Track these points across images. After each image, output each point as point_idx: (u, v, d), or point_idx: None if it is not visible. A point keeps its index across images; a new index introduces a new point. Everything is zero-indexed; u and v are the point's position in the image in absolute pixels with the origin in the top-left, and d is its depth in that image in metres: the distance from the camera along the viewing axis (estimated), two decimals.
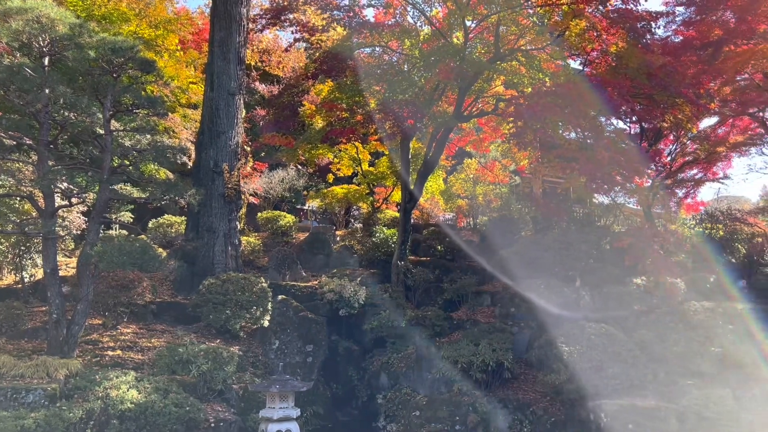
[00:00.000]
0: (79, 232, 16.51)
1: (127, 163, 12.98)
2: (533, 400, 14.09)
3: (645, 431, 11.65)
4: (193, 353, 12.18)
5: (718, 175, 21.38)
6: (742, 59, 17.37)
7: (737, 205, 30.87)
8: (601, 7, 15.98)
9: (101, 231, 13.52)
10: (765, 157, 33.98)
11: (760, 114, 19.33)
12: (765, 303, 17.20)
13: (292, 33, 19.20)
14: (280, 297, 16.08)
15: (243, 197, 20.26)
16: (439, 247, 21.52)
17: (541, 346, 15.14)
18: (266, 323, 15.14)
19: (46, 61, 11.89)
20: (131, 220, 18.85)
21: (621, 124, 20.81)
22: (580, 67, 19.15)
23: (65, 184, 12.46)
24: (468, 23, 17.97)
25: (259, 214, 23.61)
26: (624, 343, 14.27)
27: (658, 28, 19.18)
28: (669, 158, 20.21)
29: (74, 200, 13.10)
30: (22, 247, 15.30)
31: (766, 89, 18.12)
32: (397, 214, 21.95)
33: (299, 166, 26.37)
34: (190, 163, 20.35)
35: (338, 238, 23.07)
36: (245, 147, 21.73)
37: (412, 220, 20.60)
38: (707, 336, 13.99)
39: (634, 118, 19.62)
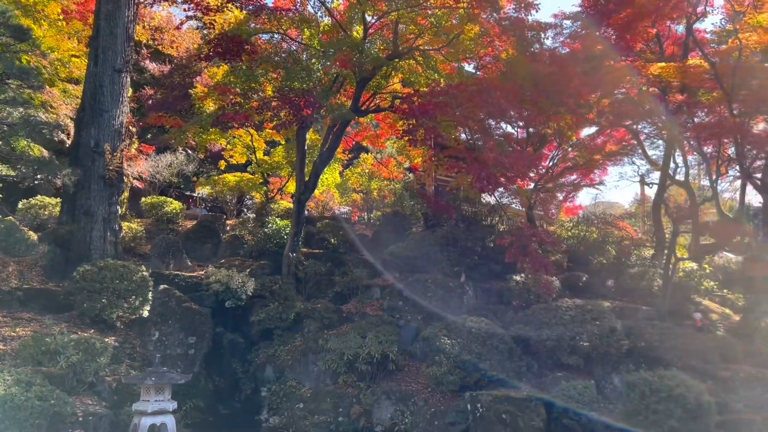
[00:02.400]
0: None
1: None
2: (416, 391, 14.44)
3: (517, 420, 12.28)
4: (63, 343, 11.44)
5: (595, 181, 22.77)
6: (620, 74, 18.66)
7: (611, 211, 33.38)
8: (494, 14, 16.60)
9: None
10: (635, 166, 36.85)
11: (635, 126, 20.82)
12: (629, 301, 18.70)
13: (185, 11, 18.40)
14: (162, 286, 15.44)
15: (126, 180, 19.23)
16: (333, 240, 21.50)
17: (426, 338, 15.56)
18: (146, 313, 14.49)
19: None
20: None
21: (510, 129, 21.75)
22: (474, 71, 19.83)
23: None
24: (368, 18, 18.09)
25: (143, 199, 22.51)
26: (502, 336, 14.98)
27: (547, 38, 20.26)
28: (551, 163, 21.22)
29: None
30: None
31: (640, 104, 19.56)
32: (292, 206, 21.69)
33: (189, 151, 25.37)
34: (69, 142, 19.04)
35: (228, 228, 22.47)
36: (131, 128, 20.59)
37: (306, 213, 20.42)
38: (577, 331, 14.96)
39: (521, 123, 20.52)
